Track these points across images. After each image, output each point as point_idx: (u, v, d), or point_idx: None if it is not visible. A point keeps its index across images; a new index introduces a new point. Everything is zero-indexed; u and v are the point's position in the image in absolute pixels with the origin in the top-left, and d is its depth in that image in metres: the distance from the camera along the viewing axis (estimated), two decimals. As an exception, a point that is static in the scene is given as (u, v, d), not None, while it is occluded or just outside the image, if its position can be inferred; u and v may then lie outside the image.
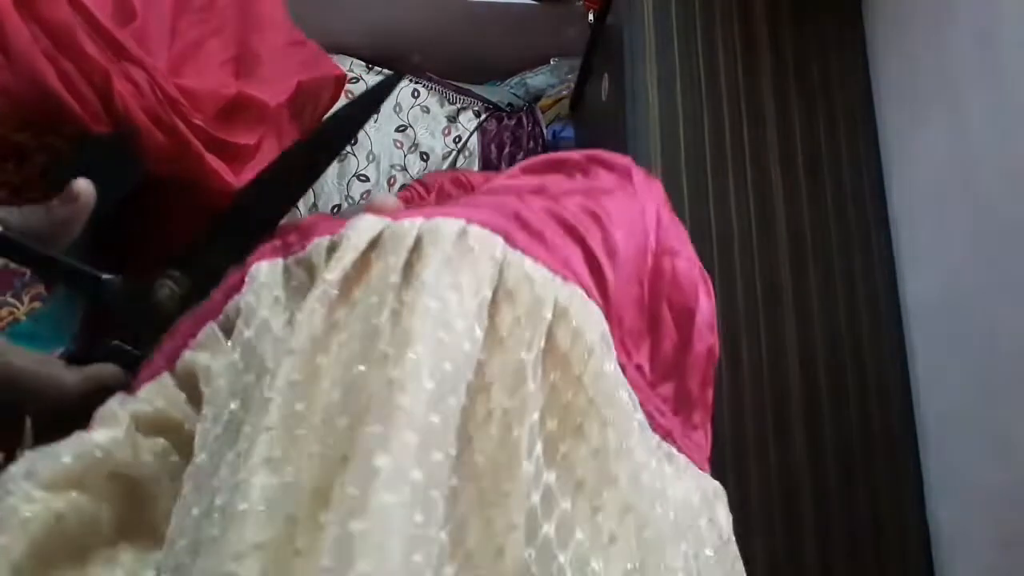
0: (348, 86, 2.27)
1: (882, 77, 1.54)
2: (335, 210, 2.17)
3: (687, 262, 0.40)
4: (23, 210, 0.38)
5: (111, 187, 0.54)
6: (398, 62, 2.38)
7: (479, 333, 0.31)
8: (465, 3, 2.20)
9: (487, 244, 0.33)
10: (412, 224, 0.34)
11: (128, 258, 0.57)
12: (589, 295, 0.35)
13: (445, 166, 2.24)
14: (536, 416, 0.30)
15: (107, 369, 0.36)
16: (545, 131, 2.30)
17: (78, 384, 0.35)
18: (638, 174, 0.44)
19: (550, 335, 0.32)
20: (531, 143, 2.29)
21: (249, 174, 0.50)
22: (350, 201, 2.19)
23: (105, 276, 0.36)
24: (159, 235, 0.57)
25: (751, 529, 1.29)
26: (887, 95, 1.52)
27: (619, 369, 0.34)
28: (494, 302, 0.32)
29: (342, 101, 2.21)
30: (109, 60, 0.43)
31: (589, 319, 0.33)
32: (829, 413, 1.36)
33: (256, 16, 0.57)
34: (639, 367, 0.36)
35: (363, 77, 2.31)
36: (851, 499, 1.32)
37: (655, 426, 0.35)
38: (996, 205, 1.20)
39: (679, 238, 0.41)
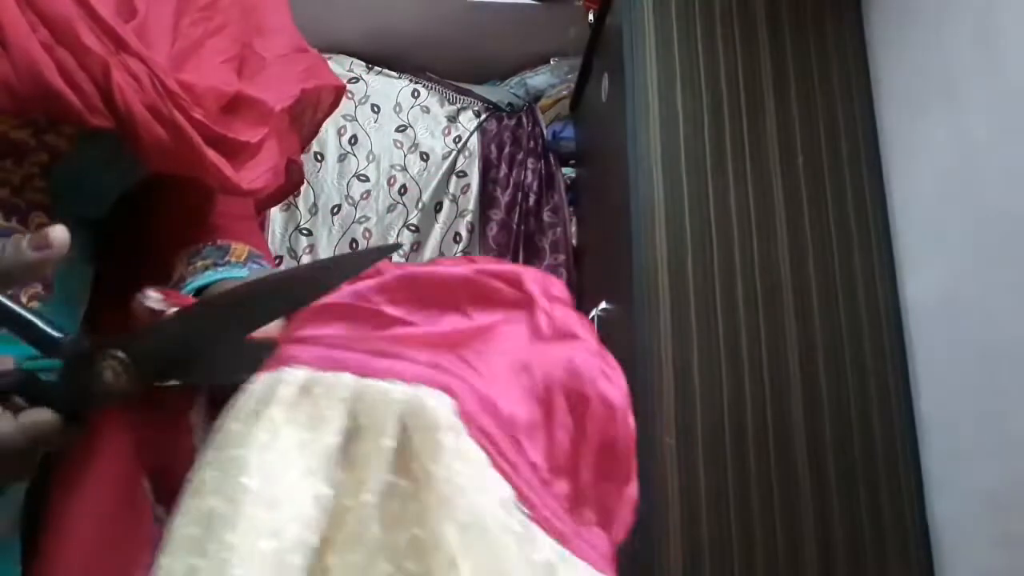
0: (348, 86, 2.27)
1: (882, 77, 1.54)
2: (335, 210, 2.17)
3: (585, 349, 0.38)
4: None
5: (110, 185, 0.54)
6: (398, 62, 2.39)
7: (326, 490, 0.30)
8: (465, 3, 2.20)
9: (334, 386, 0.32)
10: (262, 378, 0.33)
11: (125, 257, 0.57)
12: (458, 396, 0.33)
13: (445, 166, 2.24)
14: (387, 567, 0.29)
15: (44, 419, 0.36)
16: (545, 131, 2.30)
17: (13, 436, 0.35)
18: (529, 276, 0.41)
19: (400, 462, 0.31)
20: (531, 143, 2.29)
21: (250, 172, 0.50)
22: (350, 201, 2.18)
23: (59, 336, 0.37)
24: (157, 234, 0.57)
25: (752, 529, 1.29)
26: (887, 95, 1.52)
27: (494, 486, 0.32)
28: (351, 440, 0.31)
29: (346, 105, 2.21)
30: (108, 52, 0.42)
31: (441, 432, 0.32)
32: (829, 413, 1.36)
33: (261, 21, 0.57)
34: (533, 465, 0.35)
35: (363, 77, 2.31)
36: (851, 499, 1.32)
37: (550, 530, 0.33)
38: (996, 205, 1.20)
39: (579, 325, 0.40)
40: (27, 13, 0.40)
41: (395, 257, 2.16)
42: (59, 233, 0.37)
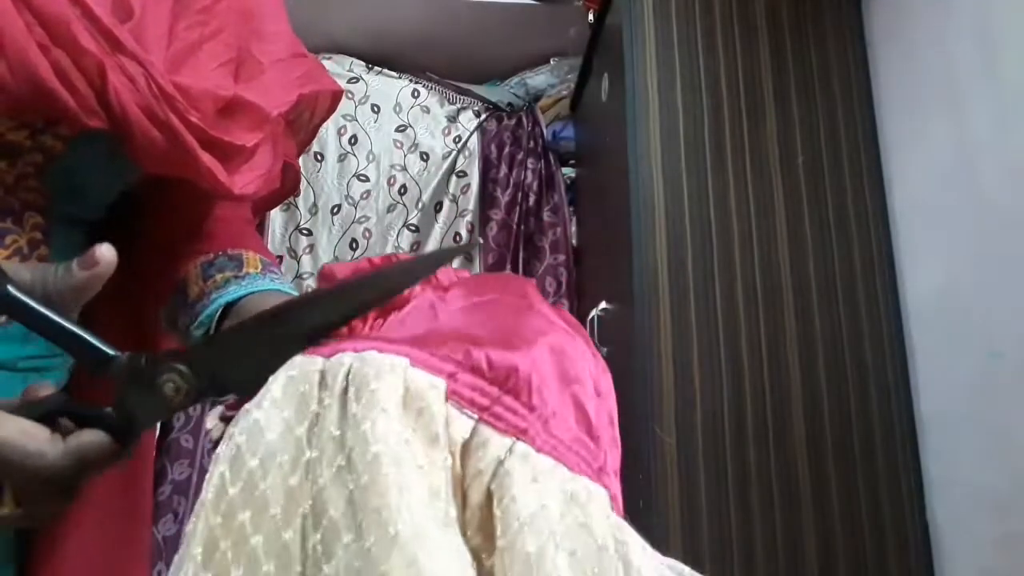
0: (348, 86, 2.27)
1: (882, 76, 1.53)
2: (335, 210, 2.17)
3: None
4: (36, 267, 0.38)
5: (105, 185, 0.54)
6: (398, 62, 2.39)
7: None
8: (465, 3, 2.20)
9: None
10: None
11: (121, 257, 0.57)
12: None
13: (445, 166, 2.24)
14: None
15: (93, 441, 0.35)
16: (545, 131, 2.30)
17: (61, 458, 0.35)
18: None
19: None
20: (531, 143, 2.29)
21: (243, 176, 0.50)
22: (350, 201, 2.19)
23: (114, 354, 0.36)
24: (155, 234, 0.57)
25: (752, 529, 1.29)
26: (887, 94, 1.52)
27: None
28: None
29: (346, 105, 2.21)
30: (104, 53, 0.42)
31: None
32: (829, 413, 1.36)
33: (258, 25, 0.57)
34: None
35: (363, 77, 2.31)
36: (851, 499, 1.32)
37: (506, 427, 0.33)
38: (996, 204, 1.20)
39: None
40: (23, 13, 0.40)
41: (395, 257, 2.16)
42: (106, 252, 0.38)
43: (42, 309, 0.36)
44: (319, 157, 2.20)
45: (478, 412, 0.31)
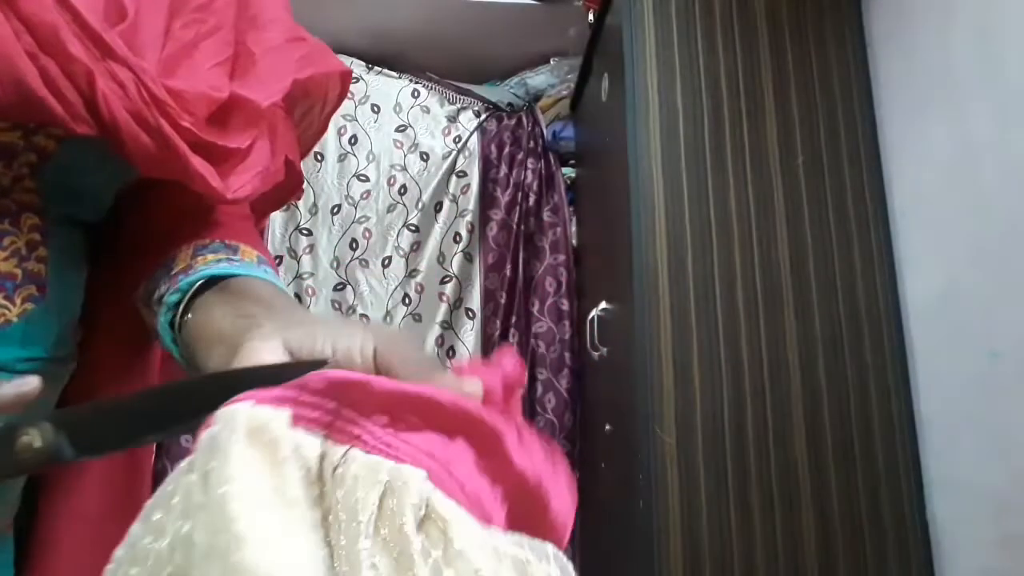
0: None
1: (882, 76, 1.53)
2: (335, 210, 2.17)
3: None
4: None
5: (100, 185, 0.53)
6: (398, 62, 2.38)
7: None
8: (465, 3, 2.20)
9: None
10: None
11: (121, 256, 0.57)
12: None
13: (445, 166, 2.24)
14: None
15: None
16: (545, 131, 2.30)
17: None
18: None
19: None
20: (531, 143, 2.29)
21: (237, 178, 0.49)
22: (350, 201, 2.18)
23: None
24: (156, 231, 0.57)
25: (752, 529, 1.29)
26: (887, 94, 1.52)
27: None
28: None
29: (346, 105, 2.21)
30: (93, 60, 0.42)
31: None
32: (829, 413, 1.36)
33: (254, 14, 0.56)
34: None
35: (363, 77, 2.31)
36: (851, 499, 1.32)
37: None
38: (996, 204, 1.20)
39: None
40: (11, 20, 0.39)
41: (395, 258, 2.16)
42: (34, 382, 0.37)
43: None
44: (319, 157, 2.20)
45: (323, 430, 0.31)
